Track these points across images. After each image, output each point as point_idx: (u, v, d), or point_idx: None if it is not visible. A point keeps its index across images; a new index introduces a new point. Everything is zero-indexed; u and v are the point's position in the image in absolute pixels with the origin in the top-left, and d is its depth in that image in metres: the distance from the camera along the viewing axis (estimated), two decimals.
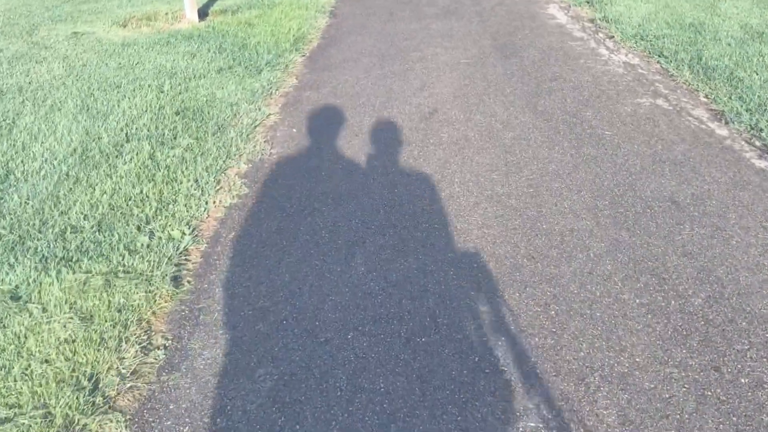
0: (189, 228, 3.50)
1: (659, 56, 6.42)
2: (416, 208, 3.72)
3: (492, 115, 5.06)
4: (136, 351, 2.61)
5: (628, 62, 6.31)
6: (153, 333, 2.76)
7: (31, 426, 2.22)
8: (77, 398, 2.33)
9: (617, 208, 3.63)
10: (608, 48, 6.82)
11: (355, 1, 9.60)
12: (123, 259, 3.17)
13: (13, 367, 2.46)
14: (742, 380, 2.42)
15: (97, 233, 3.42)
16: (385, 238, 3.43)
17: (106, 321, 2.72)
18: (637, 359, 2.53)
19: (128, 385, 2.47)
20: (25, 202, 3.76)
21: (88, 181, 4.02)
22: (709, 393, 2.37)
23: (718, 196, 3.72)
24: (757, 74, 5.50)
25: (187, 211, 3.66)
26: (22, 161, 4.34)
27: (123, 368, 2.53)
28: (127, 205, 3.71)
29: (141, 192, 3.86)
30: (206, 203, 3.79)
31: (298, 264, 3.23)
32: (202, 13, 9.12)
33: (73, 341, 2.60)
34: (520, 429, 2.26)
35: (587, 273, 3.07)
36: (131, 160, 4.29)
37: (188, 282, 3.11)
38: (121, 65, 6.58)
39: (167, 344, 2.70)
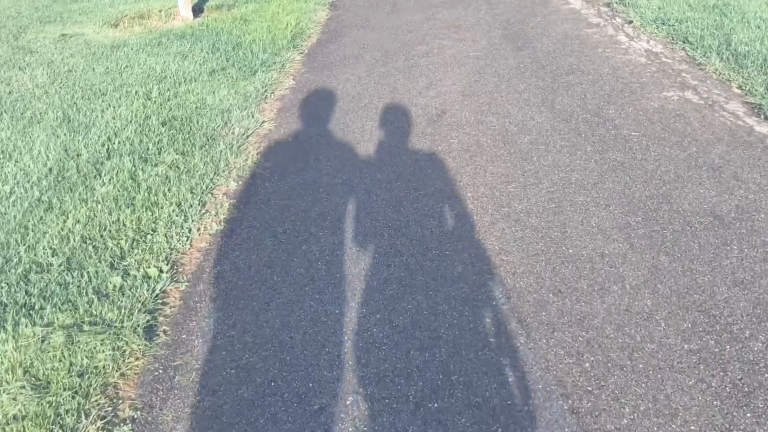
0: (168, 264, 3.10)
1: (684, 42, 5.94)
2: (424, 230, 3.30)
3: (505, 115, 4.62)
4: (98, 429, 2.22)
5: (651, 50, 5.83)
6: (119, 401, 2.36)
7: None
8: None
9: (652, 226, 3.18)
10: (627, 35, 6.34)
11: None
12: (90, 307, 2.77)
13: None
14: None
15: (65, 273, 3.03)
16: (390, 269, 3.01)
17: (64, 390, 2.33)
18: (692, 427, 2.11)
19: None
20: None
21: (62, 207, 3.63)
22: None
23: (767, 209, 3.26)
24: None
25: (167, 242, 3.26)
26: None
27: None
28: (101, 236, 3.31)
29: (117, 220, 3.46)
30: (189, 231, 3.38)
31: (290, 305, 2.82)
32: (198, 9, 8.70)
33: (23, 418, 2.21)
34: None
35: (624, 311, 2.64)
36: (110, 180, 3.89)
37: (164, 332, 2.70)
38: (109, 70, 6.18)
39: (135, 416, 2.31)
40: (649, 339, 2.49)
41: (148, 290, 2.89)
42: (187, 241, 3.32)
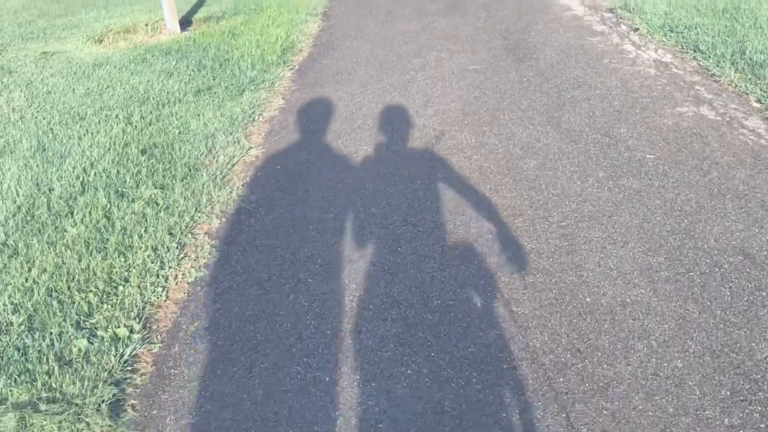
0: (140, 321, 2.79)
1: (695, 51, 5.63)
2: (424, 275, 2.98)
3: (509, 137, 4.31)
4: None
5: (660, 60, 5.53)
6: None
7: None
8: None
9: (677, 268, 2.87)
10: (634, 43, 6.03)
11: (350, 0, 8.82)
12: (50, 378, 2.46)
13: None
14: None
15: (25, 334, 2.71)
16: (387, 324, 2.69)
17: None
18: None
19: None
20: None
21: (28, 253, 3.31)
22: None
23: None
24: None
25: (141, 295, 2.95)
26: None
27: None
28: (69, 288, 3.00)
29: (87, 268, 3.14)
30: (165, 280, 3.07)
31: (274, 371, 2.51)
32: (186, 22, 8.40)
33: None
34: None
35: (652, 375, 2.32)
36: (82, 220, 3.58)
37: (132, 408, 2.39)
38: (89, 91, 5.87)
39: None
40: (683, 411, 2.17)
41: (116, 356, 2.58)
42: (162, 292, 3.00)
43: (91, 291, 2.98)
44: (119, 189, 3.92)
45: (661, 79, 5.08)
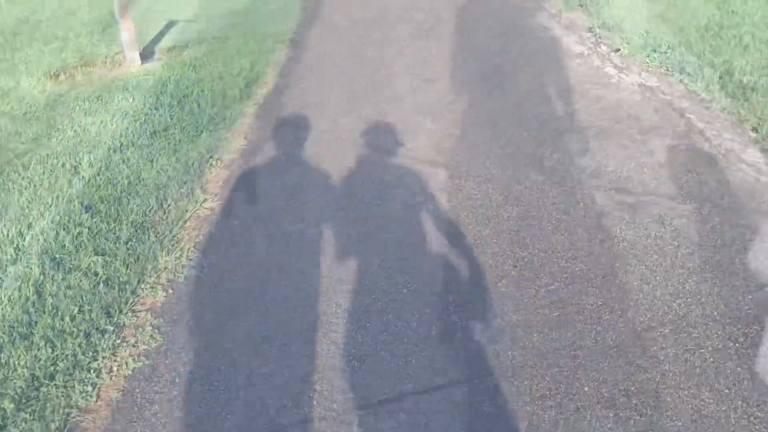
0: None
1: (681, 73, 5.31)
2: (397, 359, 2.60)
3: (487, 179, 3.93)
4: None
5: (644, 84, 5.20)
6: None
7: None
8: None
9: (685, 342, 2.51)
10: (616, 66, 5.70)
11: (319, 26, 8.44)
12: None
13: None
14: None
15: None
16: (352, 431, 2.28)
17: None
18: None
19: None
20: None
21: None
22: None
23: None
24: None
25: (66, 399, 2.52)
26: None
27: None
28: None
29: (7, 363, 2.71)
30: (97, 375, 2.65)
31: None
32: (149, 53, 7.97)
33: None
34: None
35: None
36: (9, 298, 3.14)
37: None
38: (37, 135, 5.44)
39: None
40: None
41: None
42: (93, 391, 2.58)
43: (8, 395, 2.55)
44: (56, 256, 3.50)
45: (648, 106, 4.75)
